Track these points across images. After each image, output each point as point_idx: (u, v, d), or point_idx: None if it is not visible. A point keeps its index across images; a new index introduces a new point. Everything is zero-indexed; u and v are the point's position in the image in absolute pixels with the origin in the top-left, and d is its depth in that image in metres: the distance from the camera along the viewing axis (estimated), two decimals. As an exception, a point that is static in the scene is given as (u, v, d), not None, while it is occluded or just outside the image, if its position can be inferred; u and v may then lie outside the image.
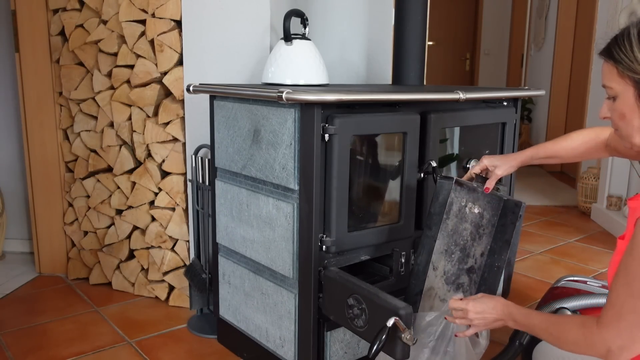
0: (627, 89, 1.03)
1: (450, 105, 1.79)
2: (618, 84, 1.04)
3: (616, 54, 1.03)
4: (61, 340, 2.01)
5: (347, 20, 2.31)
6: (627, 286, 0.96)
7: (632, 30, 1.01)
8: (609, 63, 1.05)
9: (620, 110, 1.05)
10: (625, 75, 1.02)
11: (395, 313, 1.28)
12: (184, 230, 2.22)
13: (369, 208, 1.82)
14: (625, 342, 0.99)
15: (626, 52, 1.01)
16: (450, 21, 6.02)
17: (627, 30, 1.02)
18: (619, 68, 1.03)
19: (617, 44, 1.03)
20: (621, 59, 1.02)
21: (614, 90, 1.05)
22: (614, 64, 1.04)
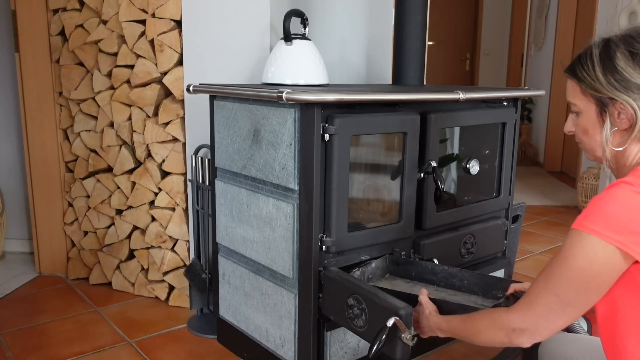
0: (590, 106, 1.08)
1: (450, 105, 1.79)
2: (581, 100, 1.09)
3: (579, 73, 1.09)
4: (61, 340, 2.01)
5: (347, 20, 2.31)
6: (545, 281, 1.04)
7: (595, 51, 1.07)
8: (573, 81, 1.11)
9: (583, 125, 1.11)
10: (588, 93, 1.07)
11: (395, 313, 1.28)
12: (184, 230, 2.22)
13: (369, 208, 1.82)
14: (528, 327, 1.07)
15: (588, 71, 1.07)
16: (450, 21, 6.02)
17: (590, 50, 1.08)
18: (582, 86, 1.08)
19: (581, 63, 1.09)
20: (584, 77, 1.07)
21: (578, 107, 1.11)
22: (578, 82, 1.09)
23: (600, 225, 0.97)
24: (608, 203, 0.98)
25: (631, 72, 1.02)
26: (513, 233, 2.19)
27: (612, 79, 1.03)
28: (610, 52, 1.04)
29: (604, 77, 1.04)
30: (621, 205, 0.97)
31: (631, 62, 1.02)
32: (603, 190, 1.02)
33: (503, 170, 1.99)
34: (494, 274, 2.06)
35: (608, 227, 0.97)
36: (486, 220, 1.99)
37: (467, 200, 1.99)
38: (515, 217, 2.21)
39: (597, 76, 1.05)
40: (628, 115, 1.03)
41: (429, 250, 1.76)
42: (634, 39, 1.04)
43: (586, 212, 1.01)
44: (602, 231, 0.97)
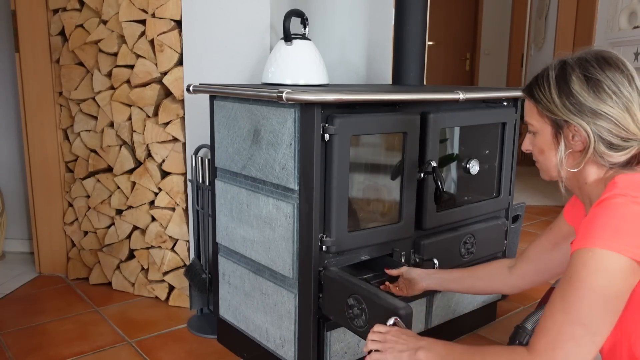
0: (545, 127, 1.10)
1: (450, 105, 1.79)
2: (537, 121, 1.11)
3: (536, 94, 1.10)
4: (61, 340, 2.01)
5: (347, 20, 2.31)
6: (564, 312, 0.96)
7: (551, 72, 1.08)
8: (530, 102, 1.12)
9: (539, 145, 1.12)
10: (544, 114, 1.09)
11: (395, 313, 1.28)
12: (184, 230, 2.22)
13: (369, 208, 1.82)
14: None
15: (544, 93, 1.08)
16: (450, 21, 6.02)
17: (547, 72, 1.09)
18: (538, 107, 1.09)
19: (538, 84, 1.10)
20: (540, 99, 1.09)
21: (534, 127, 1.12)
22: (534, 103, 1.10)
23: (609, 239, 0.94)
24: (608, 217, 0.96)
25: (585, 96, 1.03)
26: (513, 233, 2.19)
27: (567, 102, 1.05)
28: (566, 75, 1.06)
29: (560, 100, 1.05)
30: (622, 217, 0.95)
31: (586, 86, 1.03)
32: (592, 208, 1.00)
33: (503, 170, 1.99)
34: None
35: (618, 240, 0.94)
36: (486, 220, 1.99)
37: (467, 200, 1.99)
38: (515, 217, 2.21)
39: (553, 98, 1.06)
40: (582, 138, 1.04)
41: (429, 250, 1.76)
42: (589, 62, 1.05)
43: (587, 231, 0.98)
44: (613, 244, 0.94)
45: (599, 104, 1.02)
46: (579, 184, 1.12)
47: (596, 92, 1.03)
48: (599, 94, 1.03)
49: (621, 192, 0.98)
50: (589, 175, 1.08)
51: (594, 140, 1.03)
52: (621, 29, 3.53)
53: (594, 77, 1.03)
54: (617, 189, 0.99)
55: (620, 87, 1.02)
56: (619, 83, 1.03)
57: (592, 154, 1.04)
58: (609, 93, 1.02)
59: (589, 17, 4.43)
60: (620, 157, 1.04)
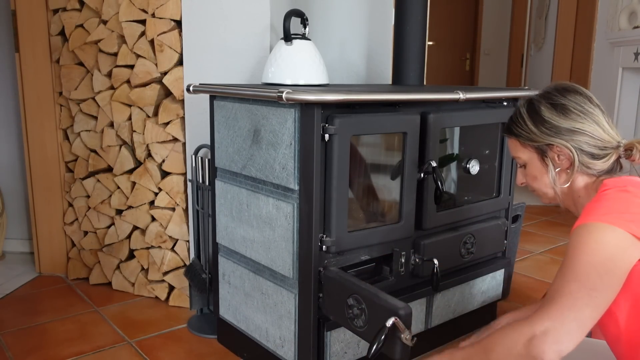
0: (532, 156, 1.25)
1: (450, 105, 1.79)
2: (523, 153, 1.27)
3: (515, 130, 1.26)
4: (61, 340, 2.01)
5: (347, 20, 2.31)
6: (562, 275, 1.05)
7: (522, 110, 1.25)
8: (512, 138, 1.28)
9: (532, 174, 1.27)
10: (527, 144, 1.24)
11: (395, 313, 1.28)
12: (184, 230, 2.22)
13: (368, 208, 1.82)
14: (553, 324, 0.98)
15: (522, 126, 1.24)
16: (450, 21, 6.02)
17: (518, 110, 1.26)
18: (520, 140, 1.25)
19: (514, 122, 1.27)
20: (520, 133, 1.25)
21: (522, 159, 1.28)
22: (516, 138, 1.26)
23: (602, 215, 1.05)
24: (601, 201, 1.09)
25: (557, 119, 1.19)
26: (513, 233, 2.19)
27: (543, 128, 1.20)
28: (535, 108, 1.22)
29: (536, 128, 1.21)
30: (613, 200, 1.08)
31: (555, 111, 1.20)
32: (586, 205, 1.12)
33: (503, 170, 1.99)
34: (494, 274, 2.07)
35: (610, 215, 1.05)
36: (486, 220, 1.99)
37: (467, 200, 1.99)
38: (515, 217, 2.21)
39: (531, 129, 1.22)
40: (566, 155, 1.19)
41: (429, 250, 1.76)
42: (551, 93, 1.22)
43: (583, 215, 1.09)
44: (605, 218, 1.04)
45: (572, 123, 1.18)
46: (573, 198, 1.25)
47: (565, 114, 1.19)
48: (567, 115, 1.19)
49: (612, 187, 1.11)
50: (580, 187, 1.22)
51: (577, 154, 1.18)
52: (621, 29, 3.53)
53: (559, 103, 1.20)
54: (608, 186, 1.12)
55: (584, 105, 1.19)
56: (582, 103, 1.19)
57: (579, 166, 1.19)
58: (576, 112, 1.18)
59: (589, 17, 4.43)
60: (604, 164, 1.18)
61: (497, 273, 2.07)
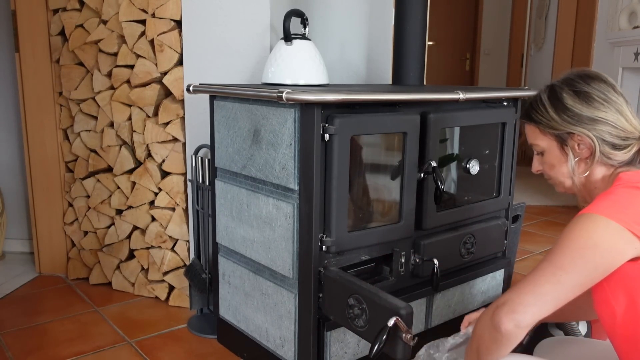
0: (552, 144, 1.21)
1: (450, 105, 1.79)
2: (542, 140, 1.23)
3: (535, 117, 1.22)
4: (61, 340, 2.01)
5: (347, 20, 2.31)
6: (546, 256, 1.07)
7: (543, 96, 1.21)
8: (531, 125, 1.24)
9: (549, 162, 1.24)
10: (547, 132, 1.21)
11: (396, 313, 1.28)
12: (184, 230, 2.22)
13: (369, 208, 1.82)
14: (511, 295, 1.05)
15: (542, 113, 1.21)
16: (450, 21, 6.02)
17: (539, 96, 1.23)
18: (540, 127, 1.22)
19: (534, 108, 1.23)
20: (540, 120, 1.21)
21: (540, 147, 1.24)
22: (535, 125, 1.23)
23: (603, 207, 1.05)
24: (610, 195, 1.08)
25: (580, 107, 1.16)
26: (513, 233, 2.19)
27: (565, 116, 1.17)
28: (557, 94, 1.19)
29: (558, 116, 1.18)
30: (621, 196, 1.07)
31: (577, 99, 1.16)
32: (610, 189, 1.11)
33: (503, 170, 1.99)
34: (494, 274, 2.07)
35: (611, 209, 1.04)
36: (486, 220, 1.99)
37: (467, 200, 1.99)
38: (515, 217, 2.21)
39: (552, 116, 1.19)
40: (587, 144, 1.16)
41: (429, 250, 1.76)
42: (574, 80, 1.19)
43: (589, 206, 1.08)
44: (605, 211, 1.04)
45: (594, 112, 1.15)
46: (589, 190, 1.21)
47: (588, 102, 1.15)
48: (591, 103, 1.15)
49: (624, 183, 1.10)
50: (598, 178, 1.19)
51: (598, 144, 1.14)
52: (621, 29, 3.53)
53: (582, 90, 1.16)
54: (622, 181, 1.10)
55: (608, 94, 1.15)
56: (605, 91, 1.16)
57: (599, 156, 1.15)
58: (599, 101, 1.15)
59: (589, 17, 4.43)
60: (625, 155, 1.15)
61: (497, 273, 2.07)
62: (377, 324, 1.33)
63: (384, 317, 1.30)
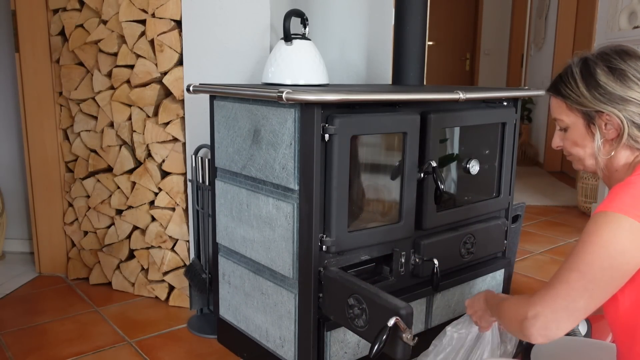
0: (577, 121, 1.15)
1: (450, 105, 1.79)
2: (567, 116, 1.16)
3: (563, 91, 1.15)
4: (61, 340, 2.01)
5: (347, 20, 2.31)
6: (568, 262, 1.03)
7: (575, 69, 1.14)
8: (558, 98, 1.17)
9: (572, 139, 1.17)
10: (574, 108, 1.14)
11: (396, 313, 1.28)
12: (184, 230, 2.22)
13: (369, 208, 1.82)
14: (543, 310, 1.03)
15: (572, 88, 1.13)
16: (450, 21, 6.02)
17: (570, 69, 1.15)
18: (568, 102, 1.15)
19: (563, 82, 1.16)
20: (568, 94, 1.14)
21: (565, 122, 1.17)
22: (563, 99, 1.16)
23: (626, 205, 0.99)
24: (630, 188, 1.02)
25: (613, 85, 1.08)
26: (513, 233, 2.19)
27: (596, 93, 1.10)
28: (590, 69, 1.11)
29: (589, 92, 1.11)
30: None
31: (612, 76, 1.09)
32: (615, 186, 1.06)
33: (503, 170, 1.99)
34: (494, 274, 2.07)
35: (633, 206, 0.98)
36: (486, 220, 1.99)
37: (467, 200, 1.99)
38: (515, 217, 2.21)
39: (582, 92, 1.11)
40: (615, 125, 1.10)
41: (429, 250, 1.76)
42: (609, 55, 1.11)
43: (608, 199, 1.03)
44: (628, 209, 0.98)
45: (627, 91, 1.07)
46: (610, 172, 1.15)
47: (622, 80, 1.08)
48: (625, 82, 1.08)
49: None
50: (620, 161, 1.13)
51: (627, 126, 1.08)
52: (621, 29, 3.53)
53: (617, 67, 1.08)
54: None
55: None
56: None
57: (627, 138, 1.09)
58: (634, 80, 1.07)
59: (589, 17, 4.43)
60: None
61: (497, 273, 2.07)
62: (377, 324, 1.33)
63: (384, 317, 1.30)
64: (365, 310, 1.38)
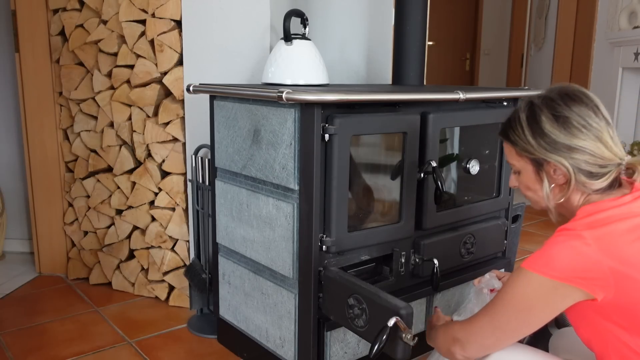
0: (527, 166, 1.17)
1: (450, 105, 1.79)
2: (518, 161, 1.19)
3: (512, 137, 1.17)
4: (61, 340, 2.01)
5: (347, 20, 2.31)
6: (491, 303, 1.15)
7: (522, 115, 1.15)
8: (507, 144, 1.20)
9: (524, 183, 1.21)
10: (523, 155, 1.16)
11: (396, 313, 1.28)
12: (184, 230, 2.22)
13: (369, 208, 1.82)
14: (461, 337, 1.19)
15: (519, 135, 1.15)
16: (450, 21, 6.02)
17: (517, 115, 1.16)
18: (516, 149, 1.17)
19: (511, 127, 1.17)
20: (516, 141, 1.16)
21: (516, 167, 1.20)
22: (512, 145, 1.18)
23: (539, 264, 1.06)
24: (548, 247, 1.07)
25: (557, 133, 1.10)
26: (513, 233, 2.19)
27: (542, 142, 1.12)
28: (536, 117, 1.13)
29: (535, 141, 1.12)
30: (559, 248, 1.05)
31: (556, 124, 1.10)
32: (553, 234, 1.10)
33: (503, 170, 1.99)
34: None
35: (546, 265, 1.05)
36: (486, 220, 1.99)
37: (467, 200, 1.99)
38: (515, 217, 2.20)
39: (529, 140, 1.13)
40: (562, 172, 1.12)
41: (429, 250, 1.76)
42: (554, 101, 1.12)
43: (535, 254, 1.10)
44: (540, 268, 1.06)
45: (572, 139, 1.09)
46: (568, 211, 1.18)
47: (566, 128, 1.10)
48: (569, 130, 1.09)
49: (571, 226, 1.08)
50: (574, 203, 1.16)
51: (573, 173, 1.10)
52: (621, 29, 3.53)
53: (562, 115, 1.10)
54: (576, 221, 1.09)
55: (588, 119, 1.09)
56: (586, 116, 1.10)
57: (575, 184, 1.12)
58: (578, 127, 1.09)
59: (589, 17, 4.43)
60: (602, 183, 1.11)
61: (497, 273, 2.07)
62: (377, 324, 1.33)
63: (384, 317, 1.30)
64: (365, 310, 1.38)
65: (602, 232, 1.05)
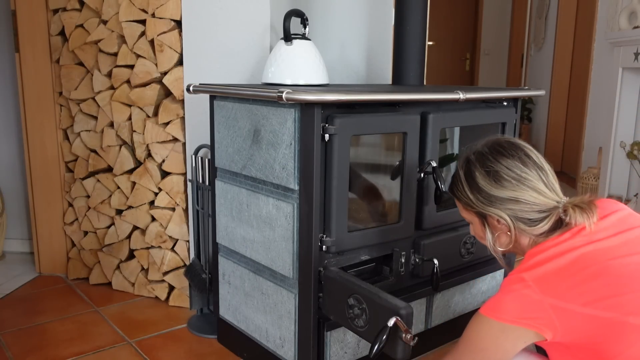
0: (474, 218, 1.26)
1: (450, 105, 1.79)
2: (466, 214, 1.28)
3: (456, 193, 1.26)
4: (61, 340, 2.01)
5: (347, 20, 2.31)
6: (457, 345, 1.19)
7: (460, 172, 1.23)
8: (455, 199, 1.28)
9: (476, 233, 1.30)
10: (467, 208, 1.25)
11: (396, 313, 1.28)
12: (184, 230, 2.22)
13: (369, 208, 1.82)
14: None
15: (461, 191, 1.24)
16: (450, 21, 6.02)
17: (458, 173, 1.25)
18: (461, 203, 1.26)
19: (454, 184, 1.26)
20: (460, 196, 1.25)
21: (467, 219, 1.29)
22: (457, 201, 1.27)
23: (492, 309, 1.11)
24: (501, 294, 1.12)
25: (490, 187, 1.17)
26: (513, 233, 2.18)
27: (479, 196, 1.19)
28: (471, 173, 1.21)
29: (473, 196, 1.21)
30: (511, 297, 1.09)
31: (488, 178, 1.18)
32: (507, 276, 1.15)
33: (503, 170, 1.99)
34: (494, 274, 2.07)
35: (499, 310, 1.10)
36: (486, 220, 1.99)
37: (467, 200, 1.99)
38: (515, 217, 2.20)
39: (468, 195, 1.22)
40: (503, 222, 1.18)
41: (429, 250, 1.76)
42: (485, 156, 1.19)
43: (489, 299, 1.15)
44: (493, 313, 1.11)
45: (505, 192, 1.16)
46: (522, 254, 1.23)
47: (498, 181, 1.16)
48: (500, 183, 1.16)
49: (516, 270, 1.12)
50: (524, 244, 1.21)
51: (512, 222, 1.17)
52: (621, 29, 3.53)
53: (492, 169, 1.17)
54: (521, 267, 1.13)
55: (517, 171, 1.16)
56: (515, 168, 1.16)
57: (518, 231, 1.18)
58: (509, 180, 1.16)
59: (589, 17, 4.43)
60: (544, 227, 1.16)
61: (497, 273, 2.07)
62: (377, 324, 1.33)
63: (384, 317, 1.30)
64: (365, 310, 1.38)
65: (541, 272, 1.09)
